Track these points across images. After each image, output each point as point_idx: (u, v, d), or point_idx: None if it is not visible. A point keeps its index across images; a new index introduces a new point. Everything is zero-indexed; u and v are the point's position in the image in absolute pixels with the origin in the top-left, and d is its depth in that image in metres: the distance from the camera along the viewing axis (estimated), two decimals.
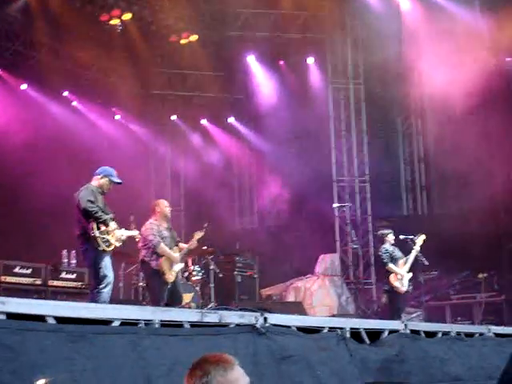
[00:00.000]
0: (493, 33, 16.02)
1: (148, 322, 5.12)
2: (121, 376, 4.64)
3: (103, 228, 9.43)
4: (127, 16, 16.95)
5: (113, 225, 9.65)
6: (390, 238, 13.83)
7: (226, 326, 5.72)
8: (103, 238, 9.40)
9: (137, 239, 10.46)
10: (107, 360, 4.60)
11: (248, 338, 5.66)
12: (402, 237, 13.88)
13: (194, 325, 5.48)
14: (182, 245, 11.26)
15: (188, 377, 3.47)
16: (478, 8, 16.20)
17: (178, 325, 5.42)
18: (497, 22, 15.68)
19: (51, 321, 4.57)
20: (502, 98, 15.22)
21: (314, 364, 6.07)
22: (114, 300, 10.95)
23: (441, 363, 7.57)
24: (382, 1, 16.94)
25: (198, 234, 11.83)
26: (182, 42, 18.26)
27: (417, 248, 13.51)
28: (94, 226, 9.33)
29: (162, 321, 5.23)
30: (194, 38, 18.17)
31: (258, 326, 5.84)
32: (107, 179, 9.87)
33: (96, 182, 9.82)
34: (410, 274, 13.58)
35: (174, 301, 10.59)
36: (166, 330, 5.23)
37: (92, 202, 9.42)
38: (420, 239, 13.62)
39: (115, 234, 9.66)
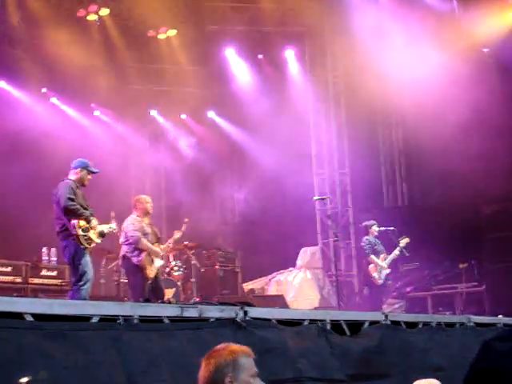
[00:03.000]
0: (470, 24, 16.08)
1: (127, 318, 5.10)
2: (100, 372, 4.62)
3: (85, 225, 9.41)
4: (104, 11, 16.90)
5: (94, 221, 9.63)
6: (374, 229, 13.96)
7: (206, 320, 5.71)
8: (85, 236, 9.38)
9: (115, 231, 10.41)
10: (86, 357, 4.58)
11: (228, 332, 5.66)
12: (382, 228, 14.00)
13: (173, 320, 5.47)
14: (161, 246, 11.25)
15: (210, 357, 3.86)
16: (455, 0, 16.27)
17: (158, 320, 5.40)
18: (473, 13, 15.74)
19: (29, 318, 4.54)
20: (481, 89, 15.27)
21: (294, 356, 6.07)
22: (95, 297, 10.94)
23: (422, 354, 7.60)
24: None
25: (177, 234, 11.86)
26: (160, 36, 18.23)
27: (399, 249, 13.67)
28: (76, 224, 9.30)
29: (141, 316, 5.21)
30: (172, 32, 18.15)
31: (238, 319, 5.84)
32: (85, 171, 9.85)
33: (74, 175, 9.78)
34: (389, 270, 13.72)
35: (156, 296, 10.59)
36: (145, 325, 5.21)
37: (72, 199, 9.39)
38: (404, 242, 13.77)
39: (96, 231, 9.65)
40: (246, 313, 5.94)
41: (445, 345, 8.06)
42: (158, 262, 10.99)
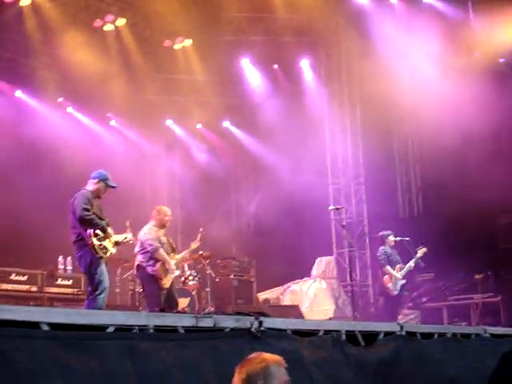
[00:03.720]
0: (485, 33, 16.05)
1: (142, 328, 5.10)
2: (115, 382, 4.63)
3: (101, 235, 9.44)
4: (121, 22, 17.00)
5: (109, 231, 9.67)
6: (391, 239, 13.88)
7: (221, 330, 5.71)
8: (100, 245, 9.42)
9: (131, 242, 10.45)
10: (101, 366, 4.58)
11: (243, 342, 5.65)
12: (398, 238, 13.92)
13: (188, 330, 5.47)
14: (176, 256, 11.26)
15: (243, 365, 3.93)
16: (471, 9, 16.22)
17: (173, 330, 5.40)
18: (489, 23, 15.71)
19: (45, 327, 4.55)
20: (497, 98, 15.22)
21: (309, 367, 6.06)
22: (110, 306, 10.96)
23: (437, 365, 7.56)
24: (374, 2, 16.96)
25: (194, 245, 11.88)
26: (176, 46, 18.32)
27: (416, 260, 13.57)
28: (92, 233, 9.33)
29: (156, 326, 5.21)
30: (188, 42, 18.23)
31: (253, 329, 5.83)
32: (103, 184, 9.88)
33: (91, 186, 9.81)
34: (404, 281, 13.64)
35: (169, 306, 10.59)
36: (160, 335, 5.21)
37: (88, 209, 9.42)
38: (421, 251, 13.66)
39: (112, 240, 9.68)
40: (260, 323, 5.92)
41: (460, 356, 8.00)
42: (174, 273, 11.00)
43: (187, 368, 5.13)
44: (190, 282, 14.02)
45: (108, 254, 9.58)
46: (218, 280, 15.41)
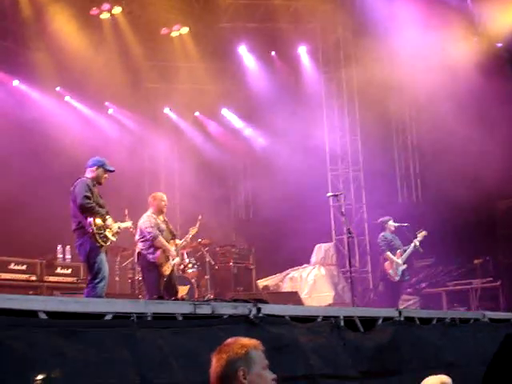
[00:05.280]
0: (483, 19, 16.02)
1: (140, 315, 5.11)
2: (113, 370, 4.64)
3: (101, 223, 9.44)
4: (117, 10, 16.95)
5: (109, 219, 9.67)
6: (390, 225, 13.91)
7: (219, 317, 5.72)
8: (100, 234, 9.42)
9: (131, 229, 10.49)
10: (99, 354, 4.60)
11: (241, 329, 5.65)
12: (396, 224, 13.95)
13: (186, 317, 5.48)
14: (176, 241, 11.27)
15: (221, 352, 3.88)
16: None
17: (171, 317, 5.41)
18: (487, 8, 15.67)
19: (43, 316, 4.56)
20: (495, 84, 15.20)
21: (307, 353, 6.08)
22: (109, 294, 10.98)
23: (435, 350, 7.59)
24: None
25: (193, 231, 11.88)
26: (173, 34, 18.28)
27: (416, 243, 13.59)
28: (92, 221, 9.33)
29: (154, 313, 5.22)
30: (184, 30, 18.19)
31: (251, 316, 5.85)
32: (102, 169, 9.88)
33: (91, 173, 9.80)
34: (405, 266, 13.67)
35: (169, 293, 10.62)
36: (158, 322, 5.22)
37: (89, 197, 9.42)
38: (421, 235, 13.69)
39: (112, 229, 9.68)
40: (259, 310, 5.94)
41: (458, 341, 8.04)
42: (175, 259, 11.01)
43: (185, 355, 5.15)
44: (190, 270, 14.04)
45: (108, 242, 9.59)
46: (217, 267, 15.43)
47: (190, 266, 14.07)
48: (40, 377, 4.15)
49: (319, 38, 19.19)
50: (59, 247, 13.69)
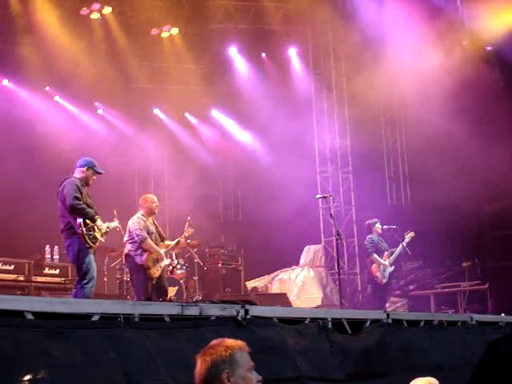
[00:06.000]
0: (473, 22, 16.07)
1: (128, 316, 5.09)
2: (100, 371, 4.62)
3: (90, 224, 9.42)
4: (107, 10, 16.94)
5: (99, 220, 9.64)
6: (377, 227, 13.93)
7: (206, 318, 5.71)
8: (90, 235, 9.38)
9: (118, 229, 10.46)
10: (86, 355, 4.57)
11: (229, 331, 5.63)
12: (385, 227, 13.98)
13: (174, 318, 5.46)
14: (167, 242, 11.24)
15: (205, 354, 3.86)
16: None
17: (159, 318, 5.40)
18: (477, 11, 15.72)
19: (29, 316, 4.54)
20: (484, 88, 15.25)
21: (294, 355, 6.07)
22: (98, 295, 10.96)
23: (422, 352, 7.59)
24: None
25: (189, 231, 11.86)
26: (163, 35, 18.29)
27: (404, 244, 13.62)
28: (81, 222, 9.30)
29: (141, 314, 5.20)
30: (174, 30, 18.19)
31: (239, 318, 5.84)
32: (92, 171, 9.85)
33: (80, 174, 9.77)
34: (392, 268, 13.69)
35: (159, 295, 10.59)
36: (145, 323, 5.20)
37: (78, 198, 9.39)
38: (409, 236, 13.72)
39: (101, 229, 9.66)
40: (246, 311, 5.93)
41: (446, 343, 8.04)
42: (164, 261, 10.96)
43: (172, 356, 5.13)
44: (178, 271, 14.03)
45: (97, 243, 9.57)
46: (205, 269, 15.42)
47: (178, 267, 14.06)
48: (26, 377, 4.13)
49: (309, 40, 19.21)
50: (47, 247, 13.65)
